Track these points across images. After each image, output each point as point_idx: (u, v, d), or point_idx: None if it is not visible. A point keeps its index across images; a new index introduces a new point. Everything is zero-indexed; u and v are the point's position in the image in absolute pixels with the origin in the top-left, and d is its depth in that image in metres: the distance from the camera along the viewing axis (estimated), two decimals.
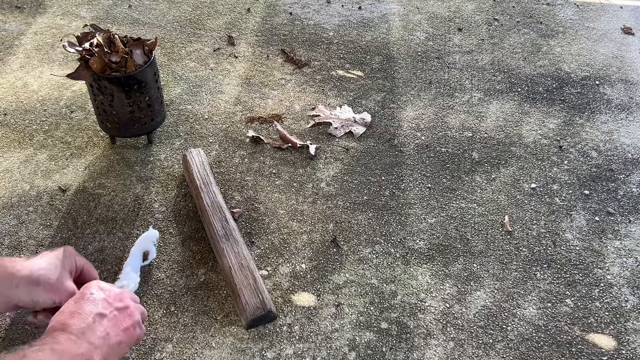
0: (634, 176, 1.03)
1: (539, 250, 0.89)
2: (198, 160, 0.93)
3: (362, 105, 1.14)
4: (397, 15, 1.45)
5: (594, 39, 1.40)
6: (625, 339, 0.77)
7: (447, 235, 0.90)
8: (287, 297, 0.79)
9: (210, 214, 0.85)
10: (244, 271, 0.77)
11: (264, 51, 1.28)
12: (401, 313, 0.78)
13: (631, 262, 0.88)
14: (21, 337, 0.72)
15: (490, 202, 0.96)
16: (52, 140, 1.01)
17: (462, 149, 1.06)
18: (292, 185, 0.96)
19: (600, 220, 0.94)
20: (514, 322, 0.78)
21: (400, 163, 1.02)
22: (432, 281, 0.83)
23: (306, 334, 0.75)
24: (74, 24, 1.31)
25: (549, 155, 1.06)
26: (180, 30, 1.33)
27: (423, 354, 0.74)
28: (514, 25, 1.43)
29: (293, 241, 0.87)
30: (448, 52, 1.32)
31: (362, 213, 0.92)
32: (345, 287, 0.81)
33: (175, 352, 0.72)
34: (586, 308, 0.81)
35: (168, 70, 1.20)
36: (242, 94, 1.15)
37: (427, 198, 0.96)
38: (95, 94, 0.91)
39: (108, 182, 0.94)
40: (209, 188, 0.89)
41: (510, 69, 1.28)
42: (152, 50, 0.92)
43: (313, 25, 1.38)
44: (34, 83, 1.14)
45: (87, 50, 0.88)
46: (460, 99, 1.18)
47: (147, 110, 0.95)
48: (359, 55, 1.29)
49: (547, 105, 1.18)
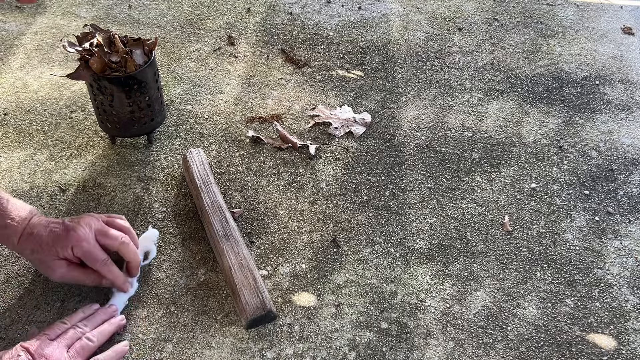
0: (634, 176, 1.03)
1: (539, 250, 0.89)
2: (198, 160, 0.93)
3: (362, 105, 1.14)
4: (397, 15, 1.45)
5: (594, 39, 1.40)
6: (625, 339, 0.77)
7: (447, 235, 0.90)
8: (287, 297, 0.79)
9: (210, 214, 0.85)
10: (244, 271, 0.77)
11: (264, 51, 1.28)
12: (401, 313, 0.78)
13: (631, 262, 0.88)
14: (21, 337, 0.72)
15: (490, 202, 0.96)
16: (52, 140, 1.01)
17: (462, 149, 1.06)
18: (292, 185, 0.96)
19: (600, 220, 0.94)
20: (514, 322, 0.79)
21: (400, 163, 1.02)
22: (432, 281, 0.83)
23: (306, 334, 0.75)
24: (74, 24, 1.31)
25: (549, 155, 1.06)
26: (180, 30, 1.33)
27: (423, 354, 0.74)
28: (514, 25, 1.44)
29: (293, 241, 0.87)
30: (448, 52, 1.32)
31: (362, 213, 0.92)
32: (345, 287, 0.81)
33: (175, 352, 0.72)
34: (586, 308, 0.81)
35: (168, 70, 1.20)
36: (242, 94, 1.15)
37: (427, 198, 0.96)
38: (95, 94, 0.91)
39: (108, 182, 0.94)
40: (209, 188, 0.89)
41: (510, 69, 1.28)
42: (152, 50, 0.92)
43: (313, 25, 1.38)
44: (34, 83, 1.14)
45: (87, 50, 0.88)
46: (460, 99, 1.18)
47: (147, 110, 0.95)
48: (359, 55, 1.29)
49: (547, 105, 1.18)
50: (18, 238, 0.72)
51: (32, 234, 0.72)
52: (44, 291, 0.77)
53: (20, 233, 0.72)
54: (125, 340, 0.72)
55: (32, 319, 0.74)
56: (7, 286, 0.78)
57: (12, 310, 0.75)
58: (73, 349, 0.66)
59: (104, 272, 0.74)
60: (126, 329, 0.74)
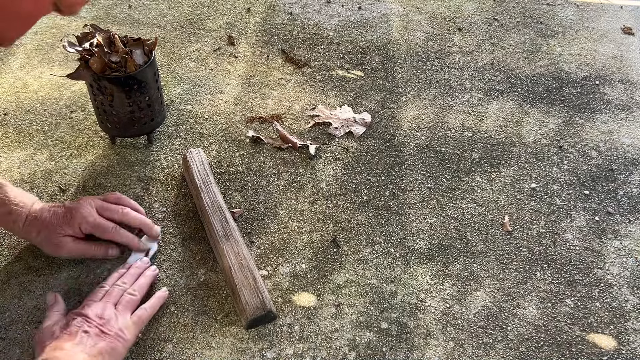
0: (634, 176, 1.03)
1: (539, 250, 0.89)
2: (198, 160, 0.93)
3: (362, 105, 1.14)
4: (397, 15, 1.45)
5: (594, 39, 1.40)
6: (625, 339, 0.77)
7: (447, 235, 0.90)
8: (287, 297, 0.79)
9: (210, 214, 0.85)
10: (244, 271, 0.77)
11: (264, 51, 1.28)
12: (401, 313, 0.78)
13: (631, 262, 0.88)
14: (21, 336, 0.72)
15: (490, 202, 0.96)
16: (52, 140, 1.01)
17: (462, 149, 1.06)
18: (292, 185, 0.96)
19: (600, 220, 0.94)
20: (514, 322, 0.78)
21: (400, 163, 1.02)
22: (432, 281, 0.83)
23: (306, 334, 0.75)
24: (74, 24, 1.31)
25: (549, 155, 1.06)
26: (180, 30, 1.33)
27: (423, 354, 0.74)
28: (514, 25, 1.44)
29: (293, 241, 0.87)
30: (448, 52, 1.32)
31: (362, 213, 0.92)
32: (345, 287, 0.81)
33: (175, 352, 0.72)
34: (586, 308, 0.81)
35: (168, 70, 1.20)
36: (242, 94, 1.15)
37: (427, 198, 0.96)
38: (95, 94, 0.91)
39: (108, 182, 0.94)
40: (209, 188, 0.89)
41: (510, 69, 1.28)
42: (152, 50, 0.92)
43: (313, 25, 1.38)
44: (34, 83, 1.14)
45: (87, 50, 0.88)
46: (460, 99, 1.18)
47: (147, 110, 0.95)
48: (359, 55, 1.29)
49: (547, 105, 1.18)
50: (23, 223, 0.77)
51: (36, 218, 0.77)
52: (44, 291, 0.77)
53: (24, 218, 0.77)
54: (164, 287, 0.78)
55: (32, 319, 0.74)
56: (7, 286, 0.78)
57: (12, 310, 0.75)
58: (120, 304, 0.72)
59: (117, 238, 0.80)
60: None
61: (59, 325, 0.67)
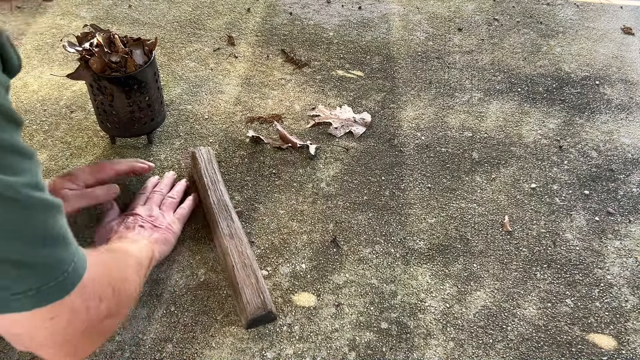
0: (634, 176, 1.03)
1: (539, 250, 0.89)
2: (207, 158, 0.94)
3: (362, 105, 1.14)
4: (397, 15, 1.45)
5: (594, 39, 1.40)
6: (625, 339, 0.77)
7: (447, 235, 0.90)
8: (287, 297, 0.79)
9: (216, 212, 0.85)
10: (246, 270, 0.77)
11: (264, 51, 1.28)
12: (401, 313, 0.78)
13: (631, 262, 0.88)
14: None
15: (490, 202, 0.96)
16: (52, 140, 1.01)
17: (462, 149, 1.06)
18: (292, 185, 0.96)
19: (600, 220, 0.94)
20: (514, 322, 0.79)
21: (400, 163, 1.02)
22: (432, 281, 0.83)
23: (306, 334, 0.75)
24: (74, 24, 1.31)
25: (549, 155, 1.06)
26: (180, 30, 1.33)
27: (423, 354, 0.74)
28: (514, 25, 1.44)
29: (293, 241, 0.87)
30: (448, 52, 1.32)
31: (362, 213, 0.92)
32: (345, 287, 0.81)
33: (175, 352, 0.72)
34: (586, 308, 0.81)
35: (168, 70, 1.20)
36: (242, 94, 1.15)
37: (427, 198, 0.96)
38: (95, 94, 0.91)
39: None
40: (217, 186, 0.89)
41: (510, 69, 1.28)
42: (152, 50, 0.92)
43: (313, 25, 1.38)
44: (34, 83, 1.14)
45: (87, 50, 0.88)
46: (460, 99, 1.18)
47: (147, 110, 0.95)
48: (359, 55, 1.29)
49: (547, 105, 1.18)
50: None
51: None
52: None
53: None
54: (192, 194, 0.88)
55: None
56: None
57: None
58: (163, 205, 0.85)
59: (116, 166, 0.87)
60: None
61: (116, 222, 0.79)
